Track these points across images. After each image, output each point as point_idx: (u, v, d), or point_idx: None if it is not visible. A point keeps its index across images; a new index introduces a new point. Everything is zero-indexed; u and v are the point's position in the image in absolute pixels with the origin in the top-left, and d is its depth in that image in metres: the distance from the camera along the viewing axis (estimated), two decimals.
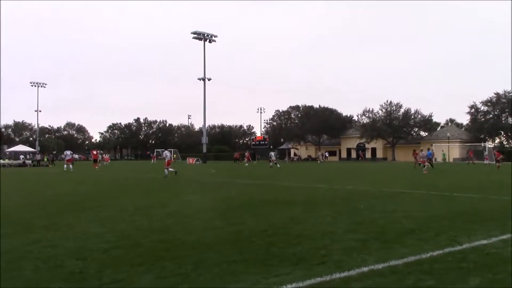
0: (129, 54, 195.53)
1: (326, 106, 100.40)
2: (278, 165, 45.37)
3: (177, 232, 8.22)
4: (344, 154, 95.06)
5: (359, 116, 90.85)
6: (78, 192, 17.23)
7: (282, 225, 8.81)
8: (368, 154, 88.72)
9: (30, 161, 62.09)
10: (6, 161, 61.66)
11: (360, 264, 5.71)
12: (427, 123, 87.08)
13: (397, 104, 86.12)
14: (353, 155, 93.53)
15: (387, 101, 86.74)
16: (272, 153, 48.05)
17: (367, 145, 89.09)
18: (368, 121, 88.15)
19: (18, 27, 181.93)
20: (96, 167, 44.02)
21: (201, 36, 74.71)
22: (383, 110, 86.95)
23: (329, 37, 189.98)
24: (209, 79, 75.80)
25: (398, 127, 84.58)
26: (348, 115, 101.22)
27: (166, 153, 29.78)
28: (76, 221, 9.58)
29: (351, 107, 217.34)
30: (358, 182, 21.02)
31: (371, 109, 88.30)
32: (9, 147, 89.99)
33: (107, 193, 16.66)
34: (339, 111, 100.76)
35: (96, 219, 9.92)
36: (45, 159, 65.05)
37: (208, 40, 75.32)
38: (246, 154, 60.99)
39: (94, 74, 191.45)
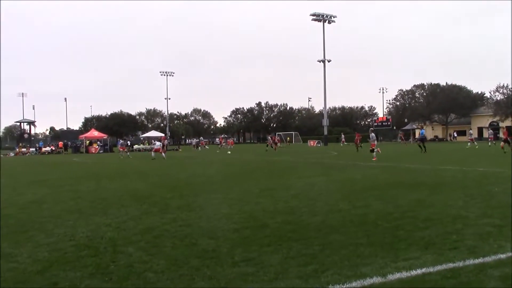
0: (250, 38, 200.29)
1: (454, 83, 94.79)
2: (229, 152, 45.51)
3: (302, 214, 8.37)
4: (475, 134, 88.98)
5: (492, 93, 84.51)
6: (207, 175, 18.17)
7: (409, 208, 8.57)
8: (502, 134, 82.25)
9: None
10: (141, 146, 66.93)
11: (496, 251, 5.39)
12: None
13: None
14: (485, 134, 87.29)
15: None
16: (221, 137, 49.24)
17: (501, 124, 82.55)
18: (502, 97, 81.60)
19: (148, 22, 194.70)
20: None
21: (320, 18, 74.10)
22: None
23: (455, 9, 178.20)
24: (329, 61, 75.13)
25: None
26: (480, 92, 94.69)
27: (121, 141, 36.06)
28: (206, 202, 10.15)
29: (483, 83, 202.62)
30: (491, 164, 19.59)
31: (505, 85, 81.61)
32: (143, 133, 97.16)
33: (233, 176, 17.35)
34: (469, 88, 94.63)
35: (224, 200, 10.42)
36: (146, 144, 67.02)
37: (327, 21, 74.51)
38: (200, 140, 57.07)
39: (217, 61, 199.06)
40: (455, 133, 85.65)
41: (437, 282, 4.45)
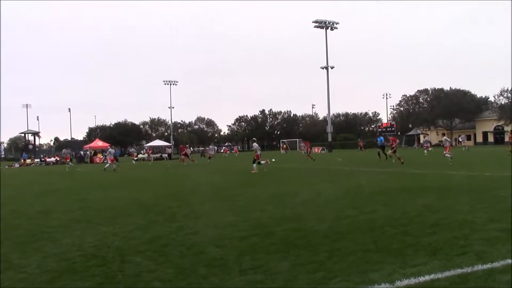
0: (251, 46, 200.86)
1: (458, 87, 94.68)
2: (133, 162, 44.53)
3: (309, 221, 8.36)
4: (479, 138, 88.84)
5: (496, 97, 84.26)
6: (213, 183, 18.17)
7: (416, 213, 8.56)
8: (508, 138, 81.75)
9: (166, 155, 66.78)
10: (146, 155, 66.92)
11: (505, 256, 5.37)
12: None
13: None
14: (490, 138, 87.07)
15: None
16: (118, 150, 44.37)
17: (506, 128, 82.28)
18: (506, 101, 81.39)
19: (148, 30, 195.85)
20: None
21: (322, 25, 74.21)
22: None
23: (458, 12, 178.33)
24: (332, 67, 75.13)
25: None
26: (484, 96, 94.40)
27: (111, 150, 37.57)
28: (213, 210, 10.16)
29: (486, 87, 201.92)
30: (498, 168, 19.52)
31: (509, 89, 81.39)
32: (147, 142, 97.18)
33: (239, 183, 17.34)
34: (473, 92, 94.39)
35: (231, 208, 10.43)
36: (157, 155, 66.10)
37: (330, 28, 74.61)
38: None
39: (220, 69, 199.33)
40: (460, 137, 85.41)
41: None
